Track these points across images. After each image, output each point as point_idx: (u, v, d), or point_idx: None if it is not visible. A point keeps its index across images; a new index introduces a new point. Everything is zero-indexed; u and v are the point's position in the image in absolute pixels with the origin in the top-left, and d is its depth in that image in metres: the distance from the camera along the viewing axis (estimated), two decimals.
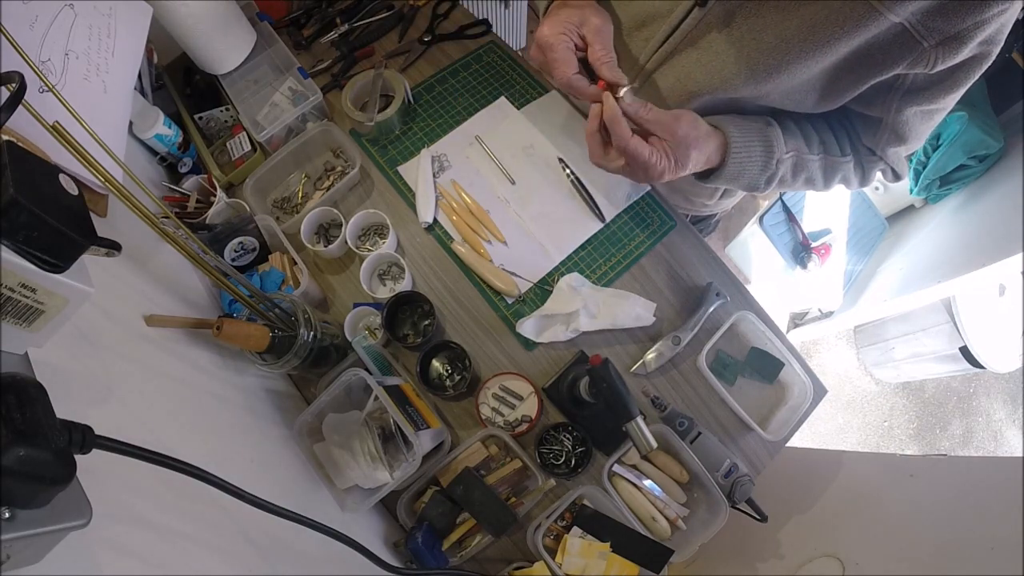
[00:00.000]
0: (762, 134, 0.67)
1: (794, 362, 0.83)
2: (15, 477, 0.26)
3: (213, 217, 0.82)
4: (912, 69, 0.56)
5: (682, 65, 0.66)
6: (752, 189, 0.72)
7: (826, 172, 0.71)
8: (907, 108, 0.62)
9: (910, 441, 2.10)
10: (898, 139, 0.67)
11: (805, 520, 0.85)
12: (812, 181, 0.72)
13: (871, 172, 0.73)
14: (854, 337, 2.18)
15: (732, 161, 0.67)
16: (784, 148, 0.67)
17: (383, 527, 0.77)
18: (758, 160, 0.67)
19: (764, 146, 0.67)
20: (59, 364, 0.42)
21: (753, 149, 0.67)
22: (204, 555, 0.45)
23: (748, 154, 0.67)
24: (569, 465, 0.78)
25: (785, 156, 0.68)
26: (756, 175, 0.69)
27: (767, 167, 0.68)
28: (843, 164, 0.71)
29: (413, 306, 0.82)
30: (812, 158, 0.69)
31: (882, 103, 0.63)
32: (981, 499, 0.69)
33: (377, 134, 0.93)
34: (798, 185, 0.73)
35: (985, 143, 1.54)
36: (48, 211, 0.34)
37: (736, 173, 0.68)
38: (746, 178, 0.69)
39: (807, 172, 0.70)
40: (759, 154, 0.67)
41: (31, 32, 0.58)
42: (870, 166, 0.72)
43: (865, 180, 0.74)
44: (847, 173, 0.72)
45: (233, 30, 0.89)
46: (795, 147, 0.68)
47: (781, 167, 0.68)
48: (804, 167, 0.70)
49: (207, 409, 0.60)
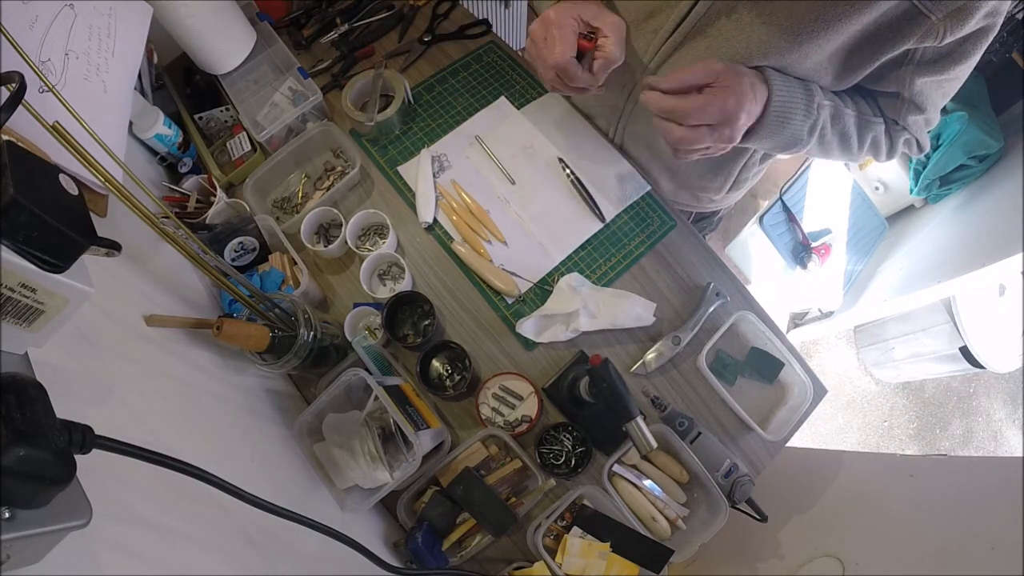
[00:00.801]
0: (798, 80, 0.64)
1: (794, 362, 0.83)
2: (15, 477, 0.26)
3: (213, 217, 0.82)
4: (922, 43, 0.57)
5: (693, 55, 0.66)
6: (795, 142, 0.66)
7: (860, 129, 0.69)
8: (919, 79, 0.63)
9: (910, 441, 2.10)
10: (916, 108, 0.67)
11: (805, 520, 0.85)
12: (847, 137, 0.69)
13: (897, 141, 0.72)
14: (854, 337, 2.18)
15: (775, 100, 0.61)
16: (821, 94, 0.65)
17: (383, 527, 0.77)
18: (800, 104, 0.63)
19: (804, 89, 0.63)
20: (59, 364, 0.42)
21: (794, 91, 0.63)
22: (204, 555, 0.45)
23: (790, 94, 0.62)
24: (569, 465, 0.78)
25: (824, 102, 0.65)
26: (800, 122, 0.64)
27: (809, 113, 0.63)
28: (875, 123, 0.70)
29: (413, 306, 0.82)
30: (847, 111, 0.68)
31: (896, 78, 0.64)
32: (981, 499, 0.69)
33: (377, 134, 0.93)
34: (835, 143, 0.69)
35: (985, 143, 1.54)
36: (48, 211, 0.34)
37: (781, 118, 0.63)
38: (791, 126, 0.64)
39: (842, 124, 0.68)
40: (800, 95, 0.63)
41: (31, 32, 0.58)
42: (896, 134, 0.72)
43: (893, 149, 0.73)
44: (878, 135, 0.71)
45: (233, 30, 0.89)
46: (831, 100, 0.66)
47: (821, 113, 0.65)
48: (840, 118, 0.67)
49: (207, 409, 0.60)
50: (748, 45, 0.61)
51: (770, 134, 0.64)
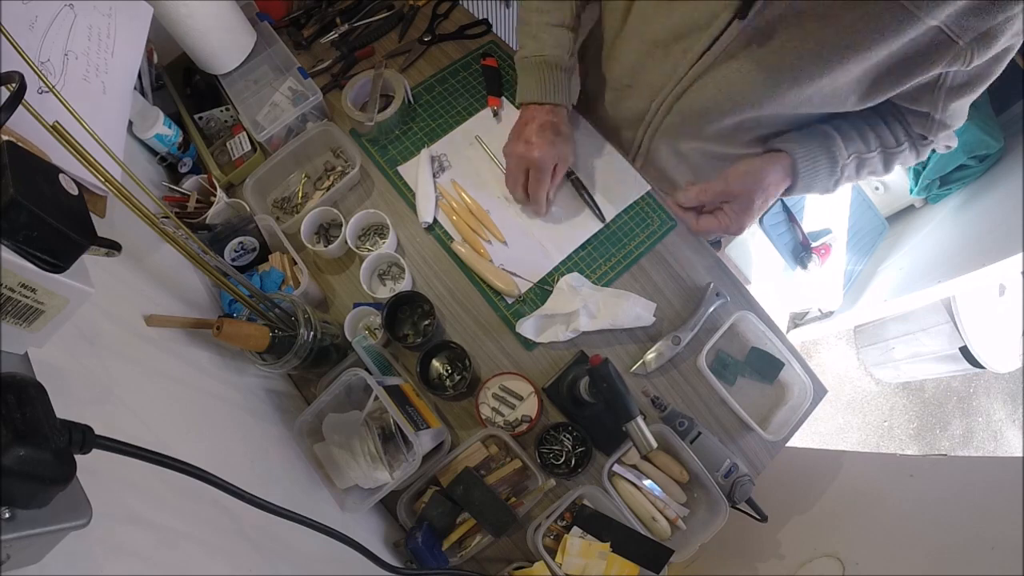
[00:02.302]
0: (824, 147, 0.71)
1: (794, 362, 0.83)
2: (15, 477, 0.26)
3: (213, 217, 0.82)
4: (950, 67, 0.58)
5: (723, 76, 0.67)
6: (824, 192, 0.76)
7: (886, 162, 0.75)
8: (952, 103, 0.65)
9: (910, 441, 2.10)
10: (947, 127, 0.70)
11: (805, 520, 0.85)
12: (874, 172, 0.76)
13: (924, 151, 0.76)
14: (854, 337, 2.18)
15: (802, 179, 0.72)
16: (846, 154, 0.71)
17: (383, 527, 0.77)
18: (824, 170, 0.72)
19: (828, 156, 0.71)
20: (59, 364, 0.42)
21: (818, 162, 0.71)
22: (204, 555, 0.45)
23: (814, 168, 0.72)
24: (569, 465, 0.78)
25: (848, 161, 0.72)
26: (824, 183, 0.74)
27: (832, 173, 0.72)
28: (899, 152, 0.74)
29: (413, 306, 0.82)
30: (871, 155, 0.73)
31: (928, 101, 0.66)
32: (981, 499, 0.69)
33: (377, 134, 0.93)
34: (861, 178, 0.77)
35: (985, 143, 1.54)
36: (48, 211, 0.34)
37: (807, 187, 0.74)
38: (817, 188, 0.74)
39: (869, 167, 0.74)
40: (824, 164, 0.71)
41: (31, 32, 0.58)
42: (923, 147, 0.75)
43: (920, 157, 0.77)
44: (904, 158, 0.75)
45: (233, 30, 0.89)
46: (855, 150, 0.72)
47: (846, 171, 0.73)
48: (865, 164, 0.74)
49: (207, 409, 0.60)
50: (780, 70, 0.62)
51: (799, 193, 0.76)
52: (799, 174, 0.72)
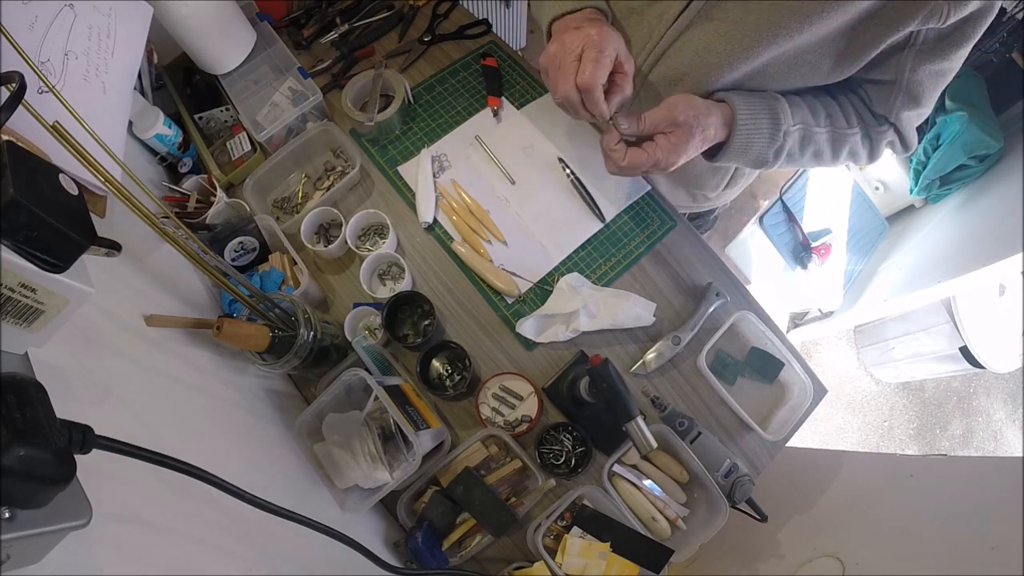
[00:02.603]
0: (768, 106, 0.67)
1: (794, 362, 0.83)
2: (15, 477, 0.26)
3: (213, 217, 0.82)
4: (926, 24, 0.57)
5: (699, 38, 0.66)
6: (760, 164, 0.71)
7: (834, 145, 0.71)
8: (920, 67, 0.63)
9: (910, 441, 2.10)
10: (912, 101, 0.67)
11: (805, 520, 0.85)
12: (820, 155, 0.72)
13: (879, 143, 0.72)
14: (854, 337, 2.18)
15: (739, 133, 0.67)
16: (791, 120, 0.67)
17: (383, 527, 0.77)
18: (765, 131, 0.67)
19: (771, 117, 0.67)
20: (59, 364, 0.42)
21: (760, 121, 0.67)
22: (204, 555, 0.45)
23: (755, 125, 0.67)
24: (569, 465, 0.78)
25: (792, 128, 0.68)
26: (764, 147, 0.69)
27: (774, 139, 0.68)
28: (850, 136, 0.71)
29: (413, 306, 0.82)
30: (819, 131, 0.69)
31: (896, 64, 0.64)
32: (981, 499, 0.69)
33: (377, 134, 0.93)
34: (806, 159, 0.72)
35: (985, 143, 1.54)
36: (48, 211, 0.34)
37: (743, 146, 0.68)
38: (754, 151, 0.69)
39: (814, 145, 0.70)
40: (766, 126, 0.67)
41: (31, 32, 0.58)
42: (879, 137, 0.72)
43: (874, 152, 0.74)
44: (854, 146, 0.72)
45: (233, 30, 0.89)
46: (802, 119, 0.68)
47: (788, 139, 0.68)
48: (811, 140, 0.70)
49: (207, 409, 0.60)
50: (758, 27, 0.61)
51: (733, 158, 0.70)
52: (737, 128, 0.66)
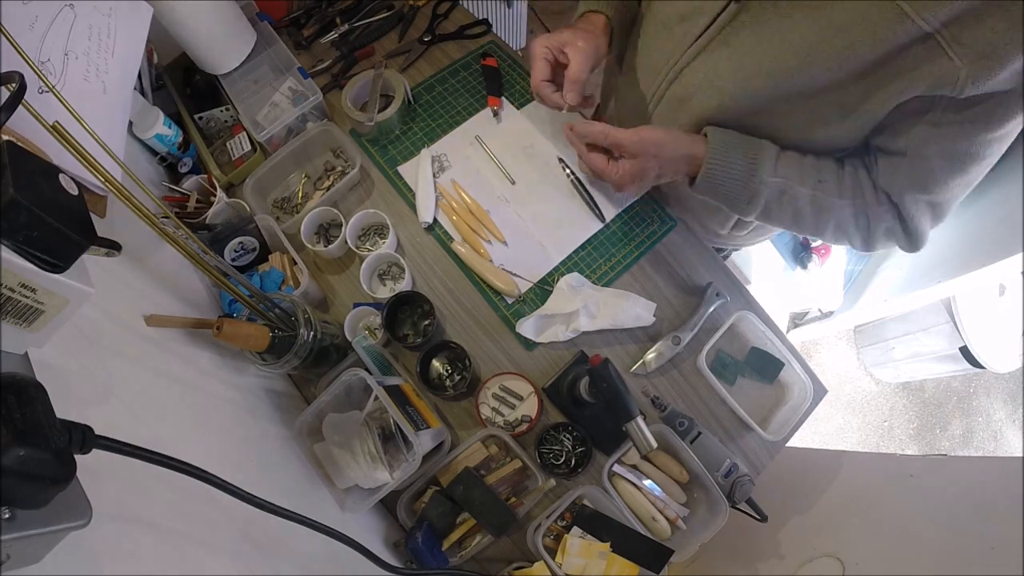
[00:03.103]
0: (750, 151, 0.64)
1: (794, 362, 0.83)
2: (15, 477, 0.26)
3: (213, 217, 0.82)
4: (938, 90, 0.52)
5: (713, 61, 0.66)
6: (735, 206, 0.68)
7: (817, 212, 0.66)
8: (932, 143, 0.58)
9: (910, 441, 2.10)
10: (918, 184, 0.61)
11: (805, 520, 0.85)
12: (799, 218, 0.67)
13: (877, 225, 0.66)
14: (854, 337, 2.18)
15: (706, 168, 0.65)
16: (771, 170, 0.64)
17: (383, 527, 0.77)
18: (737, 174, 0.64)
19: (747, 161, 0.64)
20: (59, 364, 0.42)
21: (732, 162, 0.64)
22: (204, 555, 0.45)
23: (724, 165, 0.64)
24: (569, 465, 0.78)
25: (770, 179, 0.64)
26: (735, 190, 0.66)
27: (748, 184, 0.65)
28: (837, 207, 0.65)
29: (413, 306, 0.82)
30: (801, 190, 0.65)
31: (907, 133, 0.59)
32: (981, 499, 0.69)
33: (377, 134, 0.93)
34: (786, 219, 0.68)
35: None
36: (48, 211, 0.34)
37: (710, 183, 0.66)
38: (724, 191, 0.67)
39: (793, 205, 0.66)
40: (738, 169, 0.64)
41: (31, 32, 0.58)
42: (876, 218, 0.66)
43: (871, 236, 0.67)
44: (841, 220, 0.67)
45: (233, 30, 0.89)
46: (785, 175, 0.64)
47: (764, 189, 0.65)
48: (792, 199, 0.65)
49: (207, 409, 0.60)
50: (763, 58, 0.60)
51: (703, 192, 0.69)
52: (705, 163, 0.64)
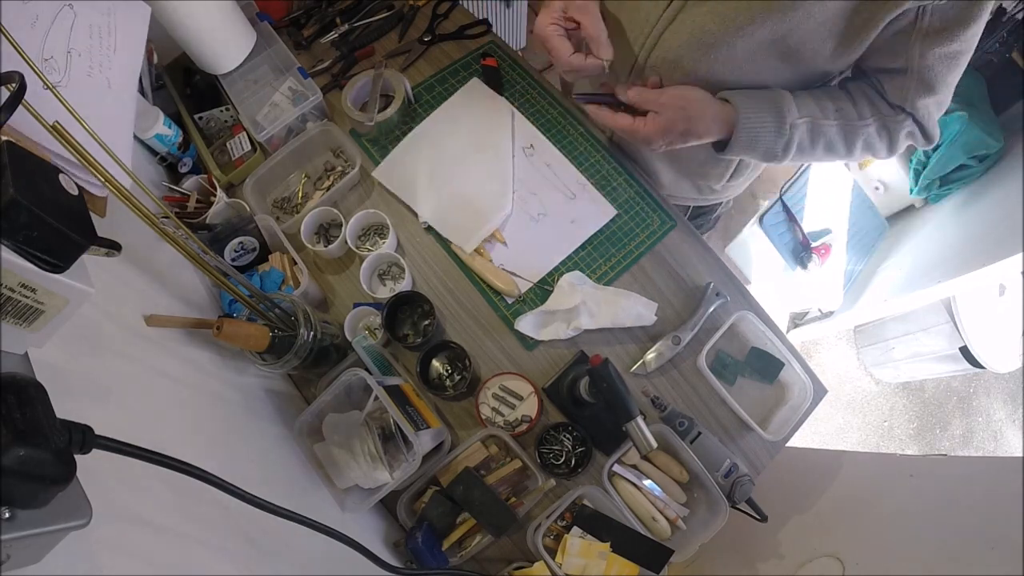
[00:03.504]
0: (771, 100, 0.67)
1: (794, 362, 0.83)
2: (15, 477, 0.26)
3: (213, 217, 0.82)
4: (923, 0, 0.56)
5: (693, 18, 0.66)
6: (771, 157, 0.71)
7: (847, 137, 0.70)
8: (929, 52, 0.62)
9: (910, 441, 2.10)
10: (926, 88, 0.66)
11: (805, 520, 0.85)
12: (832, 148, 0.71)
13: (898, 134, 0.71)
14: (854, 337, 2.18)
15: (742, 127, 0.67)
16: (796, 113, 0.68)
17: (383, 527, 0.77)
18: (770, 125, 0.67)
19: (774, 111, 0.67)
20: (59, 364, 0.42)
21: (763, 114, 0.67)
22: (204, 555, 0.45)
23: (758, 119, 0.67)
24: (569, 465, 0.78)
25: (798, 121, 0.68)
26: (771, 141, 0.69)
27: (780, 132, 0.68)
28: (862, 127, 0.70)
29: (413, 306, 0.82)
30: (828, 123, 0.69)
31: (904, 50, 0.63)
32: (981, 499, 0.69)
33: (377, 134, 0.93)
34: (818, 153, 0.72)
35: (985, 143, 1.54)
36: (48, 211, 0.34)
37: (749, 140, 0.68)
38: (762, 145, 0.69)
39: (825, 138, 0.70)
40: (770, 119, 0.67)
41: (31, 32, 0.58)
42: (896, 127, 0.70)
43: (893, 144, 0.72)
44: (869, 138, 0.71)
45: (233, 30, 0.89)
46: (809, 113, 0.68)
47: (796, 132, 0.68)
48: (821, 133, 0.69)
49: (207, 409, 0.60)
50: (749, 5, 0.61)
51: (741, 151, 0.70)
52: (740, 122, 0.67)
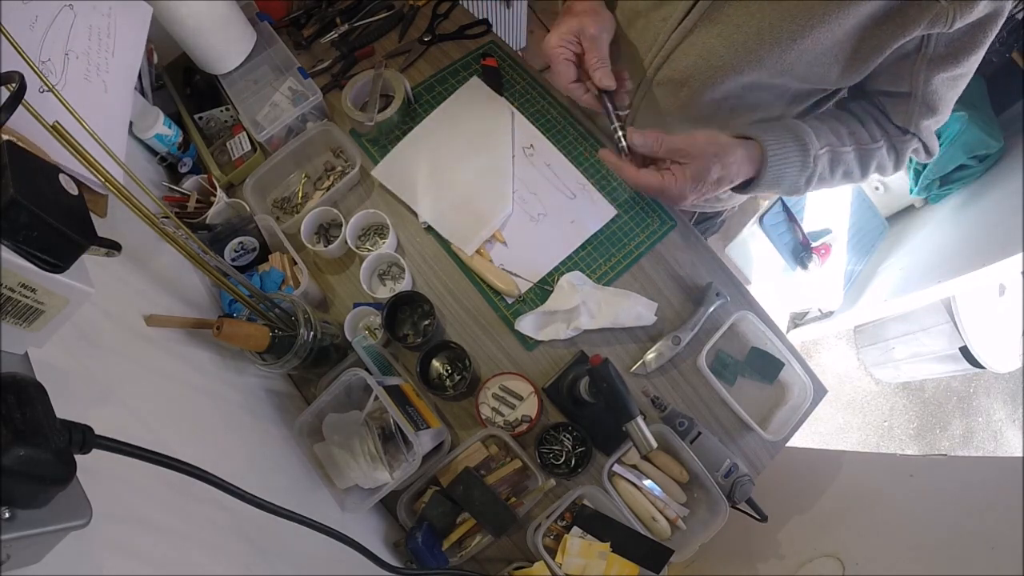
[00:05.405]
0: (793, 133, 0.67)
1: (794, 362, 0.83)
2: (15, 477, 0.26)
3: (213, 217, 0.82)
4: (931, 29, 0.57)
5: (703, 41, 0.66)
6: (793, 192, 0.72)
7: (862, 161, 0.71)
8: (934, 76, 0.63)
9: (910, 441, 2.10)
10: (929, 111, 0.67)
11: (805, 520, 0.85)
12: (850, 174, 0.72)
13: (904, 152, 0.72)
14: (854, 337, 2.18)
15: (770, 166, 0.66)
16: (818, 144, 0.68)
17: (383, 527, 0.77)
18: (795, 160, 0.67)
19: (798, 144, 0.67)
20: (59, 364, 0.42)
21: (788, 150, 0.67)
22: (204, 555, 0.45)
23: (784, 156, 0.67)
24: (569, 465, 0.78)
25: (820, 152, 0.68)
26: (796, 176, 0.68)
27: (805, 165, 0.68)
28: (876, 151, 0.71)
29: (413, 306, 0.82)
30: (845, 150, 0.70)
31: (909, 75, 0.64)
32: (981, 499, 0.69)
33: (377, 134, 0.93)
34: (836, 180, 0.72)
35: (985, 143, 1.54)
36: (48, 211, 0.34)
37: (775, 177, 0.68)
38: (787, 182, 0.69)
39: (844, 165, 0.71)
40: (795, 155, 0.67)
41: (31, 32, 0.58)
42: (903, 146, 0.72)
43: (899, 162, 0.74)
44: (881, 159, 0.72)
45: (233, 30, 0.89)
46: (828, 141, 0.69)
47: (818, 164, 0.69)
48: (840, 160, 0.70)
49: (207, 409, 0.60)
50: (759, 31, 0.61)
51: (765, 189, 0.69)
52: (768, 160, 0.66)
